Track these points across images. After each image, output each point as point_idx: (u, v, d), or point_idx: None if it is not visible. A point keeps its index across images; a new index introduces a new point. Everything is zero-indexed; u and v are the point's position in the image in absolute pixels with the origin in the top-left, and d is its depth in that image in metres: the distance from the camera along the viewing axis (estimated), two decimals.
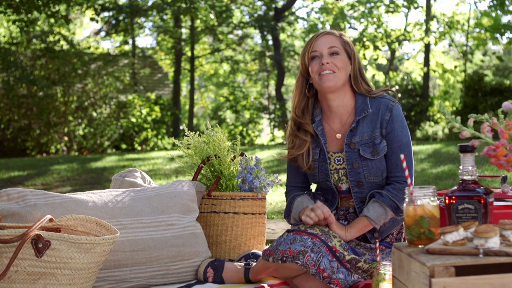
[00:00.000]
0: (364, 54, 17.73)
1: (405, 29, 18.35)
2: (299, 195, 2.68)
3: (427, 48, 18.21)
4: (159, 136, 16.44)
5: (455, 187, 1.97)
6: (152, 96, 16.88)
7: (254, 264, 2.67)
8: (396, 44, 18.32)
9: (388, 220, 2.55)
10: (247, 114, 18.65)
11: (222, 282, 2.67)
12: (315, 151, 2.63)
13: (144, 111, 16.29)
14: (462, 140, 9.89)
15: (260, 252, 2.95)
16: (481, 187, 1.93)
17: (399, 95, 16.56)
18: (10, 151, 14.84)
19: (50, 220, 2.31)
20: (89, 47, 18.37)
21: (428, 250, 1.80)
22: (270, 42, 18.39)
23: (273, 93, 19.38)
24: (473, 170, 1.95)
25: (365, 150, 2.54)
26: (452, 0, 28.26)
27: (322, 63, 2.54)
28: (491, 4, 14.91)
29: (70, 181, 8.04)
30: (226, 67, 20.42)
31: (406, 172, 2.04)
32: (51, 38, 15.80)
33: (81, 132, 15.47)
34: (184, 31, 18.33)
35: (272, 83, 19.80)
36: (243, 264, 2.72)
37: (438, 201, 1.93)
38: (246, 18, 18.11)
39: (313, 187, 2.83)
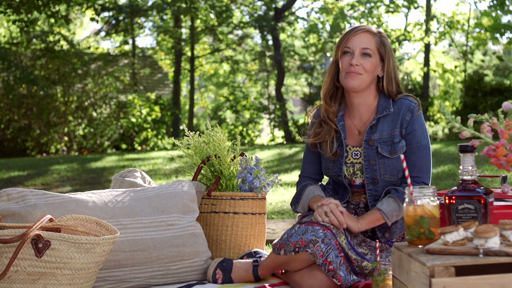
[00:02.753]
0: None
1: (405, 29, 18.33)
2: (311, 184, 2.69)
3: (427, 48, 18.20)
4: (159, 136, 16.44)
5: (455, 187, 1.97)
6: (152, 96, 16.87)
7: (262, 260, 2.67)
8: (396, 44, 18.30)
9: (400, 217, 2.54)
10: (247, 114, 18.64)
11: (231, 281, 2.67)
12: (336, 145, 2.63)
13: (144, 111, 16.28)
14: (462, 140, 9.89)
15: (262, 251, 2.95)
16: (481, 187, 1.93)
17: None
18: (10, 151, 14.84)
19: (50, 220, 2.31)
20: (89, 47, 18.36)
21: (428, 250, 1.80)
22: (270, 42, 18.38)
23: (273, 93, 19.36)
24: (473, 170, 1.95)
25: (383, 148, 2.55)
26: (452, 0, 28.25)
27: (351, 63, 2.54)
28: (491, 4, 14.91)
29: (70, 181, 8.04)
30: (226, 67, 20.40)
31: (406, 172, 2.04)
32: (51, 38, 15.78)
33: (81, 132, 15.47)
34: (184, 31, 18.32)
35: (272, 83, 19.78)
36: (251, 260, 2.72)
37: (438, 201, 1.93)
38: (246, 18, 18.10)
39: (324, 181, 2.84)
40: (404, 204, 1.94)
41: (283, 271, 2.64)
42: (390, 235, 2.58)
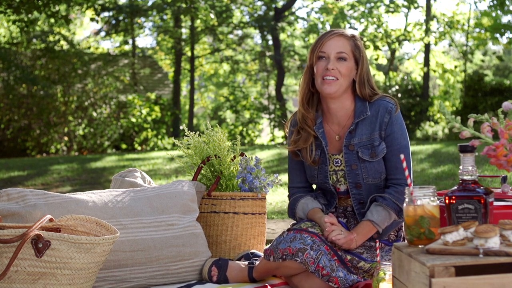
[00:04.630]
0: None
1: (405, 29, 18.34)
2: (302, 196, 2.68)
3: (427, 48, 18.20)
4: (159, 136, 16.44)
5: (455, 187, 1.97)
6: (152, 96, 16.87)
7: (257, 263, 2.68)
8: (396, 44, 18.31)
9: (390, 223, 2.55)
10: (247, 114, 18.64)
11: (226, 281, 2.68)
12: (316, 153, 2.63)
13: (144, 111, 16.28)
14: (462, 140, 9.89)
15: (259, 252, 2.96)
16: (481, 187, 1.93)
17: (398, 95, 16.31)
18: (10, 151, 14.83)
19: (50, 220, 2.31)
20: (89, 47, 18.36)
21: (428, 250, 1.80)
22: (270, 42, 18.39)
23: (273, 93, 19.37)
24: (473, 170, 1.95)
25: (363, 152, 2.54)
26: (452, 0, 28.25)
27: (327, 68, 2.52)
28: (491, 4, 14.90)
29: (70, 181, 8.04)
30: (226, 67, 20.40)
31: (406, 172, 2.04)
32: (51, 38, 15.79)
33: (81, 132, 15.47)
34: (184, 31, 18.33)
35: (272, 83, 19.79)
36: (247, 263, 2.73)
37: (438, 201, 1.93)
38: (246, 18, 18.10)
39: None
40: (404, 204, 1.94)
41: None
42: (380, 235, 2.59)
